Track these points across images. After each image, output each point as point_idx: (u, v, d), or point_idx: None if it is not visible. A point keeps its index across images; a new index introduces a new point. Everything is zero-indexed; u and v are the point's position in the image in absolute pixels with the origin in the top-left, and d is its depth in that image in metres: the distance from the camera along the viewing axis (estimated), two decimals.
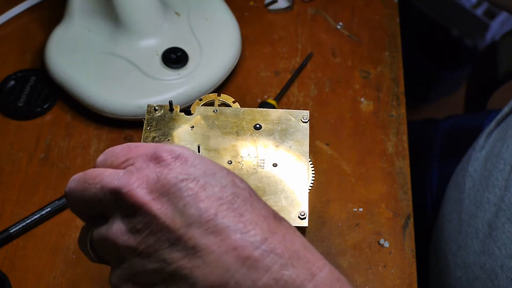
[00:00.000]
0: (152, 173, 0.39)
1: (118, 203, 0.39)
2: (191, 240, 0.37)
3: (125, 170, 0.40)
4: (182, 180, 0.38)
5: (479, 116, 0.92)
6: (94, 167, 0.42)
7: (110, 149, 0.43)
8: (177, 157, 0.39)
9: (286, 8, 0.83)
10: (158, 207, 0.38)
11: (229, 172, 0.40)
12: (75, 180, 0.42)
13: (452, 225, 0.70)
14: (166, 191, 0.38)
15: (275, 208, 0.49)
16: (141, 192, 0.38)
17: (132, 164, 0.40)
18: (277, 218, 0.40)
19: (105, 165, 0.42)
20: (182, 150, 0.40)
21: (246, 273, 0.37)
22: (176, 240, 0.37)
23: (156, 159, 0.39)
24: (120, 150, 0.42)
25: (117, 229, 0.39)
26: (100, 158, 0.43)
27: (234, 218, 0.37)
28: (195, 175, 0.38)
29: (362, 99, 0.75)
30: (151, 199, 0.38)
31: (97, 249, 0.42)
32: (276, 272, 0.37)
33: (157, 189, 0.38)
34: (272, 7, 0.83)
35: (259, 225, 0.38)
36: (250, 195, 0.39)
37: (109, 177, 0.40)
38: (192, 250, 0.37)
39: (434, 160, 0.89)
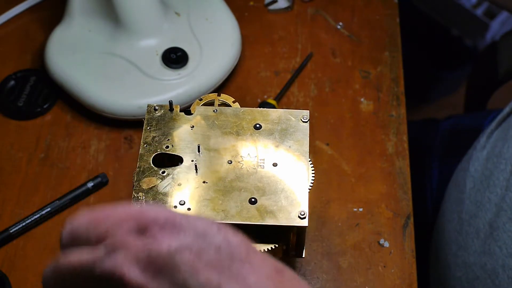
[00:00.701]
0: (140, 248, 0.35)
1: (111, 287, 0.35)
2: None
3: (106, 249, 0.35)
4: (176, 252, 0.35)
5: (479, 116, 0.92)
6: (61, 247, 0.38)
7: (74, 225, 0.38)
8: (163, 226, 0.36)
9: (286, 8, 0.83)
10: (155, 286, 0.35)
11: (219, 226, 0.37)
12: (50, 271, 0.38)
13: (452, 225, 0.70)
14: (160, 267, 0.35)
15: (275, 207, 0.49)
16: (133, 274, 0.34)
17: (110, 238, 0.36)
18: (279, 272, 0.37)
19: (79, 245, 0.38)
20: (166, 213, 0.36)
21: None
22: None
23: (140, 230, 0.36)
24: (89, 224, 0.37)
25: None
26: (65, 239, 0.38)
27: (238, 284, 0.35)
28: (187, 242, 0.35)
29: (362, 99, 0.75)
30: (146, 280, 0.35)
31: None
32: None
33: (150, 265, 0.35)
34: (272, 7, 0.83)
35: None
36: (247, 250, 0.37)
37: (90, 262, 0.36)
38: None
39: (434, 160, 0.89)
